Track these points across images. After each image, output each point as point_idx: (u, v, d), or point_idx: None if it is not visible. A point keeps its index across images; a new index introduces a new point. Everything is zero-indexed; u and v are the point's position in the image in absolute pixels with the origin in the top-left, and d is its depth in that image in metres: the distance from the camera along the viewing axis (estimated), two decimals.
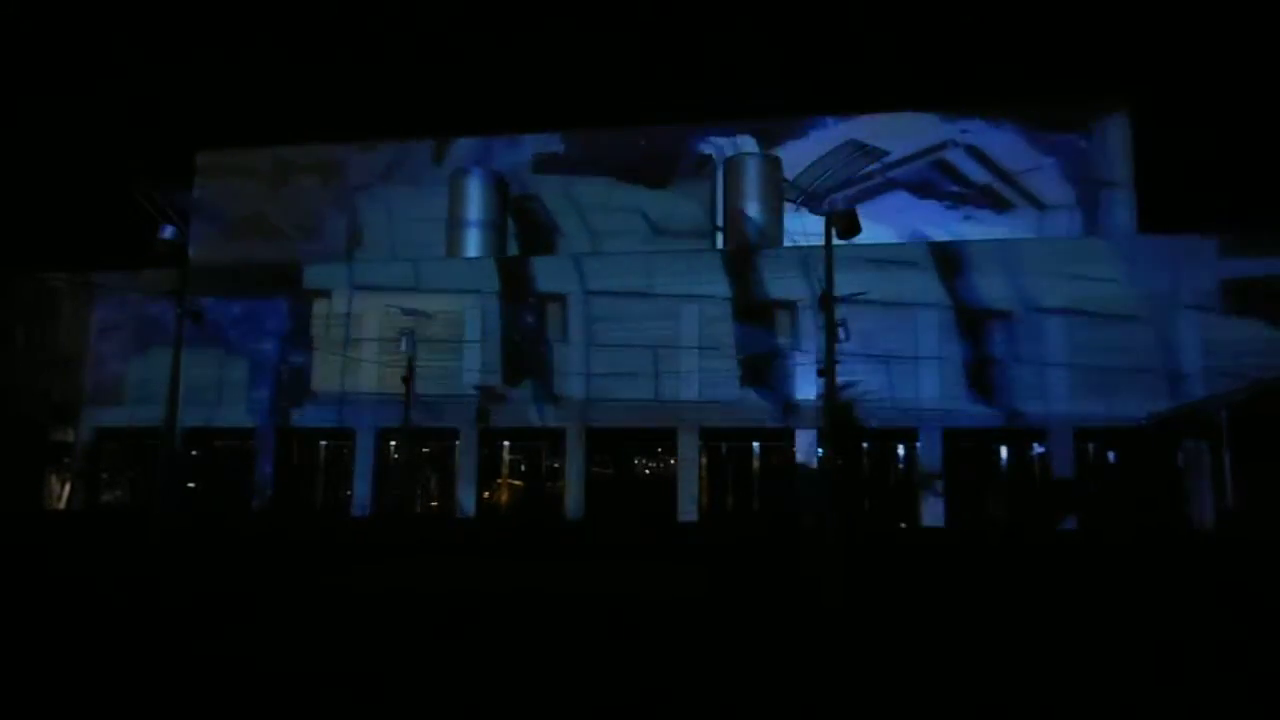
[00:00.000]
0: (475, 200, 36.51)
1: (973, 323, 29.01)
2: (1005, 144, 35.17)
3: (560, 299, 31.34)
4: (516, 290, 31.87)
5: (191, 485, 33.15)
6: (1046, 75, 57.52)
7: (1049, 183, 34.78)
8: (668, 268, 31.14)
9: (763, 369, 29.78)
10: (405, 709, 9.24)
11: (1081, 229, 34.22)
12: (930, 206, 35.66)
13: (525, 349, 31.33)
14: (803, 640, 13.36)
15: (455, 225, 36.30)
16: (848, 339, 23.32)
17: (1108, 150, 34.58)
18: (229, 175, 40.89)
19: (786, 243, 33.96)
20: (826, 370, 18.51)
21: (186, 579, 18.92)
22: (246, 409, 32.49)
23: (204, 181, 40.79)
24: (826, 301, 18.52)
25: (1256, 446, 26.56)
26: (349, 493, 32.02)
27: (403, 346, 28.04)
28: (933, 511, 28.58)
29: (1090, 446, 28.65)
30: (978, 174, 35.29)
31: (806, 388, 28.81)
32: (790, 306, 29.77)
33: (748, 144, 36.49)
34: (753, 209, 34.37)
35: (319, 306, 32.80)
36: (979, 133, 35.45)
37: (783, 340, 29.77)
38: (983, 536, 27.09)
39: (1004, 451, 29.37)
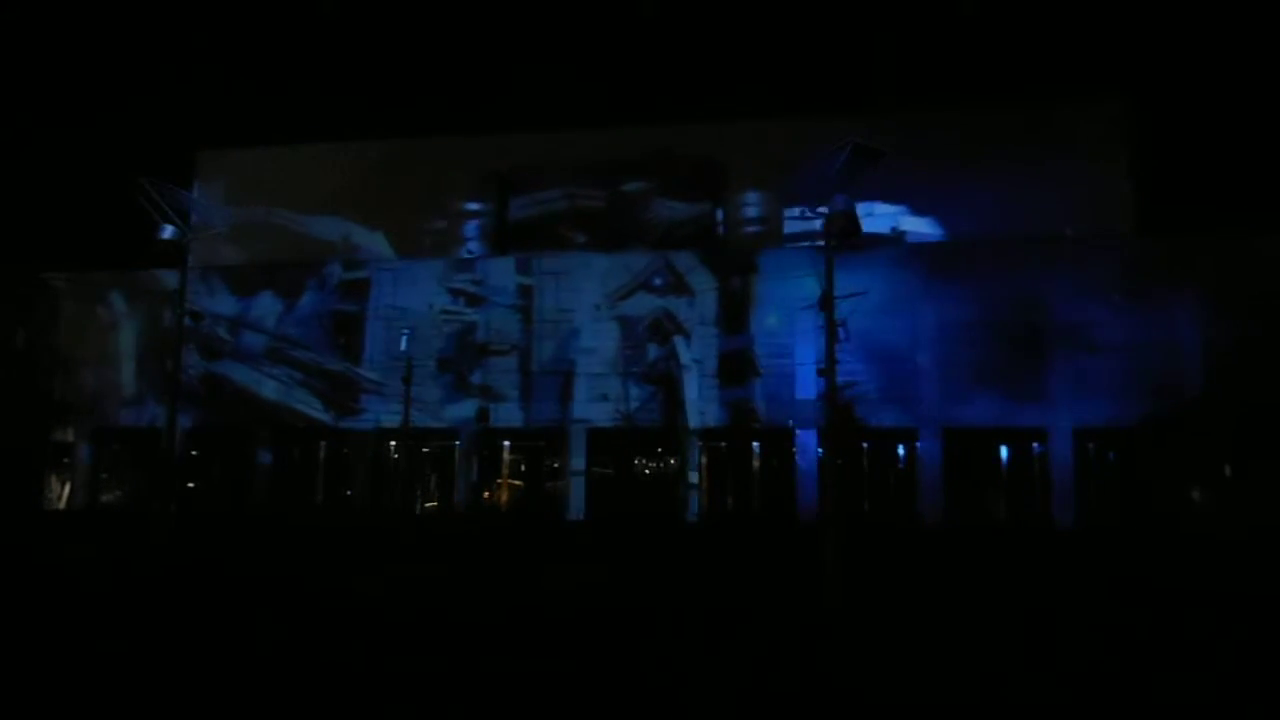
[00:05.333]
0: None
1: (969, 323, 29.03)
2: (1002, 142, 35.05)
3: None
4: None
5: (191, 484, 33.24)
6: (1044, 74, 57.45)
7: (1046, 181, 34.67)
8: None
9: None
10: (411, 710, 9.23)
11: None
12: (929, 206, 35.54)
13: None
14: (802, 638, 13.36)
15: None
16: (848, 339, 23.25)
17: (1105, 149, 34.51)
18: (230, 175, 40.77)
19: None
20: (827, 370, 18.49)
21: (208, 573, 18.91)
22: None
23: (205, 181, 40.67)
24: (827, 301, 18.49)
25: (1256, 446, 26.63)
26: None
27: (402, 346, 28.08)
28: (932, 510, 28.60)
29: (1090, 446, 28.68)
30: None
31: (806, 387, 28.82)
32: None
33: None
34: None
35: None
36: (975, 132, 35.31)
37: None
38: (981, 534, 27.14)
39: (1004, 451, 29.41)
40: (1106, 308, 28.48)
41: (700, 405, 28.08)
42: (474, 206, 37.61)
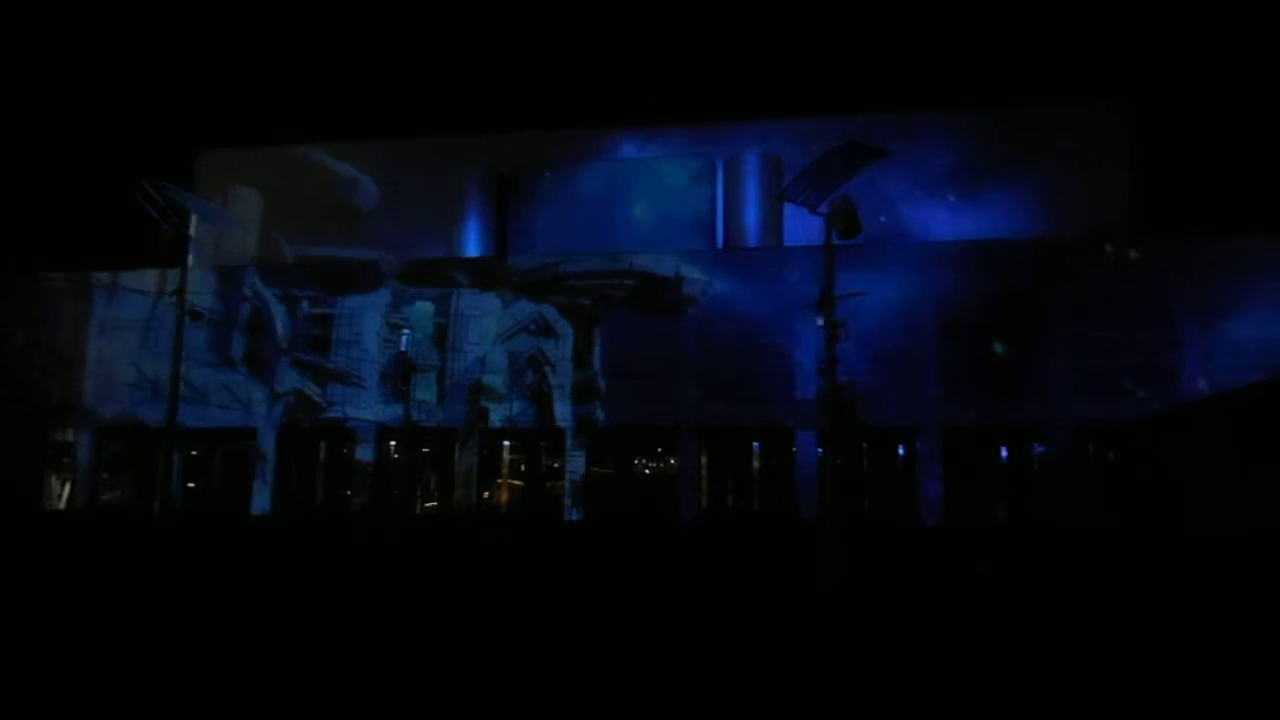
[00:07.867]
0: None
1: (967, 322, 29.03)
2: (1002, 142, 35.04)
3: None
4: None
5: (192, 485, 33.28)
6: (1044, 73, 57.48)
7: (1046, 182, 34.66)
8: None
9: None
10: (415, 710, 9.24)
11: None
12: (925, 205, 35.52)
13: None
14: (801, 636, 13.37)
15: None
16: (848, 339, 23.24)
17: (1106, 148, 34.49)
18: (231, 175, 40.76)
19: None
20: (827, 370, 18.52)
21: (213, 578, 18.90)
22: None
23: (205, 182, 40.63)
24: (826, 301, 18.51)
25: (1256, 446, 26.58)
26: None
27: (403, 344, 28.18)
28: (931, 509, 28.60)
29: (1090, 446, 28.69)
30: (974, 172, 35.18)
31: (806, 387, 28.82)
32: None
33: None
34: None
35: None
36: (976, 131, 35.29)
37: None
38: (980, 534, 27.13)
39: (1003, 451, 29.44)
40: (1103, 307, 28.47)
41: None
42: (473, 207, 37.70)
